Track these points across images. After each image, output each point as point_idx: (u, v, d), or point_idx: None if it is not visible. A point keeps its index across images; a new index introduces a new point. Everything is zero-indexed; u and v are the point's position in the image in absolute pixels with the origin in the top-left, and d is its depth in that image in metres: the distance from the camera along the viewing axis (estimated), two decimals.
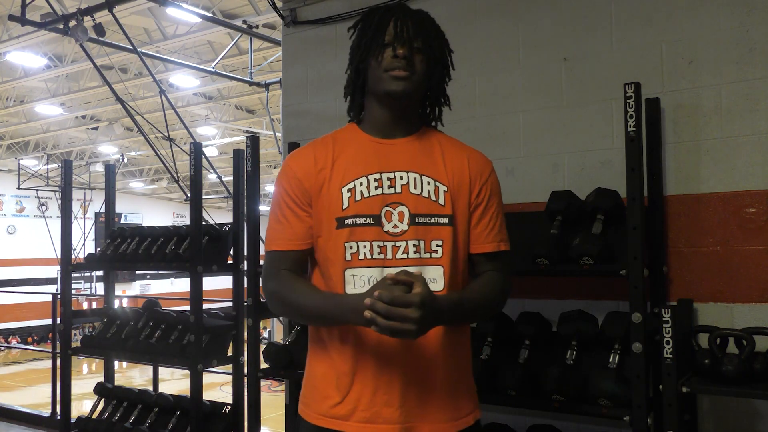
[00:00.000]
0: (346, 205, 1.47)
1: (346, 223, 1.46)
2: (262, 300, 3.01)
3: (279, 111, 4.33)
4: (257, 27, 8.80)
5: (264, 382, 3.07)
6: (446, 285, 1.47)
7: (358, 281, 1.45)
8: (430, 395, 1.47)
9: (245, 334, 3.06)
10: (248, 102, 16.16)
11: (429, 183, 1.50)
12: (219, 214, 13.78)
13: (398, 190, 1.49)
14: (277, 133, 9.38)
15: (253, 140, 3.02)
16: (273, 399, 5.94)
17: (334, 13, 3.24)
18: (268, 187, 24.10)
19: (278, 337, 13.42)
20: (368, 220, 1.46)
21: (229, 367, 3.46)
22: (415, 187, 1.49)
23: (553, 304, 2.52)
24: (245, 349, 3.10)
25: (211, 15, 8.81)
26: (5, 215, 23.27)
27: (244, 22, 8.63)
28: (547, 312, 2.48)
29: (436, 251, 1.47)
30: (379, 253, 1.45)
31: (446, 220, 1.49)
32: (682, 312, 2.22)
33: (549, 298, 2.58)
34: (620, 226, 2.29)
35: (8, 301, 20.05)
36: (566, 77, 2.65)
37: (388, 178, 1.49)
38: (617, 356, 2.21)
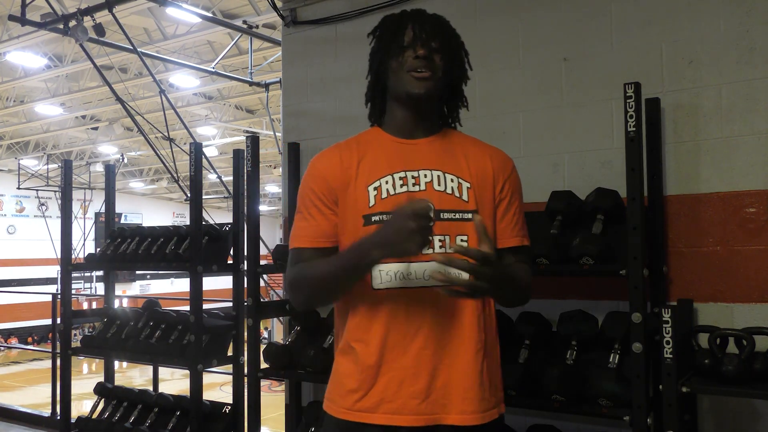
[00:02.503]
0: (372, 202, 1.51)
1: (373, 219, 1.50)
2: (262, 300, 3.02)
3: (279, 111, 4.33)
4: (257, 27, 8.80)
5: (264, 382, 3.07)
6: (472, 279, 1.48)
7: (385, 276, 1.48)
8: (458, 386, 1.48)
9: (245, 334, 3.06)
10: (248, 102, 16.17)
11: (452, 180, 1.54)
12: (219, 214, 13.78)
13: (422, 187, 1.52)
14: (277, 133, 9.38)
15: (253, 140, 3.03)
16: (273, 399, 5.94)
17: (334, 13, 3.24)
18: (268, 187, 24.16)
19: (278, 337, 13.42)
20: None
21: (229, 367, 3.46)
22: (439, 185, 1.53)
23: (553, 304, 2.52)
24: (245, 349, 3.10)
25: (211, 15, 8.81)
26: (5, 215, 23.27)
27: (244, 22, 8.63)
28: (547, 312, 2.48)
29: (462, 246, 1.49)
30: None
31: (470, 216, 1.52)
32: (682, 312, 2.22)
33: (549, 298, 2.57)
34: (620, 226, 2.29)
35: (8, 301, 20.04)
36: (566, 77, 2.65)
37: (413, 177, 1.53)
38: (617, 356, 2.21)
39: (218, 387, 8.80)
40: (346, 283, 1.50)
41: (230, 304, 3.49)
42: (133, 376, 14.46)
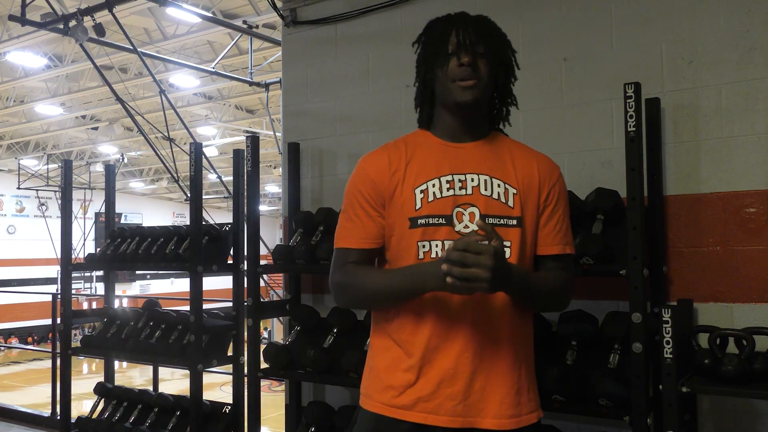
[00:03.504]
0: (419, 205, 1.52)
1: (419, 223, 1.51)
2: (262, 300, 3.02)
3: (279, 111, 4.33)
4: (257, 27, 8.80)
5: (264, 382, 3.07)
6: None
7: None
8: (495, 390, 1.49)
9: (245, 334, 3.06)
10: (248, 102, 16.17)
11: (499, 185, 1.54)
12: (219, 214, 13.78)
13: (469, 191, 1.53)
14: (277, 133, 9.38)
15: (253, 140, 3.03)
16: (273, 399, 5.94)
17: (334, 13, 3.24)
18: (268, 187, 24.15)
19: (278, 337, 13.41)
20: (440, 220, 1.51)
21: (229, 367, 3.46)
22: (485, 189, 1.53)
23: None
24: (245, 349, 3.10)
25: (211, 15, 8.81)
26: (5, 215, 23.27)
27: (244, 22, 8.63)
28: (547, 312, 2.48)
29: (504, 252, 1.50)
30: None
31: (515, 222, 1.52)
32: (682, 312, 2.22)
33: None
34: (620, 226, 2.29)
35: (8, 301, 20.04)
36: (566, 77, 2.65)
37: (460, 180, 1.54)
38: (617, 356, 2.21)
39: (218, 387, 8.81)
40: (398, 302, 1.53)
41: (230, 304, 3.49)
42: (133, 376, 14.47)
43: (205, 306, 3.22)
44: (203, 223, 3.32)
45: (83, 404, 6.94)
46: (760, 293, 2.27)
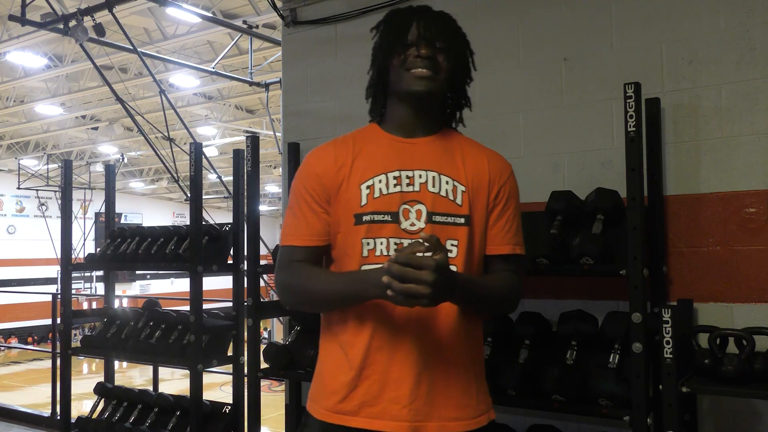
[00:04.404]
0: (364, 201, 1.49)
1: (364, 219, 1.48)
2: (262, 300, 3.02)
3: (279, 111, 4.33)
4: (257, 27, 8.80)
5: (264, 382, 3.06)
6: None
7: None
8: (441, 393, 1.46)
9: (245, 334, 3.06)
10: (248, 102, 16.17)
11: (447, 182, 1.51)
12: (219, 214, 13.77)
13: (416, 188, 1.50)
14: (277, 133, 9.39)
15: (253, 140, 3.03)
16: (273, 399, 5.94)
17: (334, 13, 3.24)
18: (268, 187, 24.14)
19: (278, 337, 13.42)
20: (386, 217, 1.48)
21: (229, 367, 3.46)
22: (433, 186, 1.50)
23: (553, 304, 2.52)
24: (245, 349, 3.10)
25: (211, 15, 8.81)
26: (5, 215, 23.27)
27: (244, 22, 8.63)
28: (547, 312, 2.48)
29: (451, 251, 1.48)
30: (395, 250, 1.45)
31: (462, 220, 1.50)
32: (682, 312, 2.22)
33: (549, 298, 2.57)
34: (620, 226, 2.29)
35: (8, 301, 20.04)
36: (566, 77, 2.65)
37: (407, 176, 1.50)
38: (617, 356, 2.21)
39: (218, 387, 8.81)
40: (341, 307, 1.49)
41: (230, 304, 3.48)
42: (133, 376, 14.46)
43: (205, 306, 3.22)
44: (203, 223, 3.32)
45: (83, 404, 6.93)
46: (760, 293, 2.27)
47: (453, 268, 1.42)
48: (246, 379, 2.97)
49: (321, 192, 1.52)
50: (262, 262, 2.99)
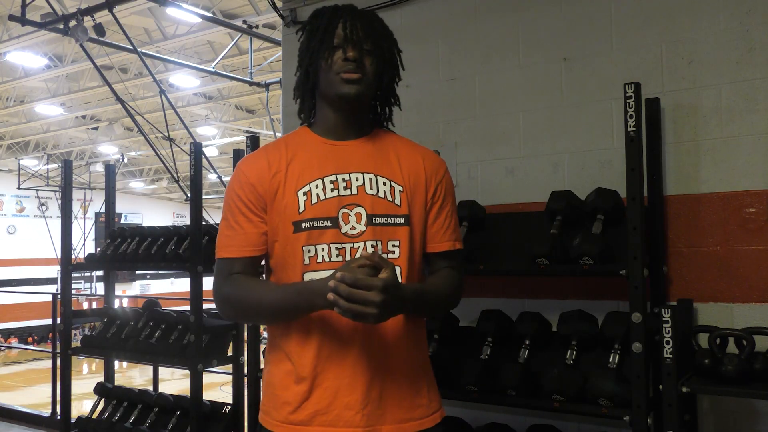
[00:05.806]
0: (302, 208, 1.46)
1: (303, 226, 1.46)
2: None
3: (279, 111, 4.33)
4: (257, 27, 8.80)
5: None
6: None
7: None
8: (393, 396, 1.47)
9: (245, 334, 3.06)
10: (248, 102, 16.17)
11: (385, 183, 1.50)
12: (219, 214, 13.75)
13: (354, 191, 1.48)
14: (277, 133, 9.39)
15: (253, 140, 3.02)
16: None
17: None
18: None
19: None
20: (326, 223, 1.46)
21: (229, 367, 3.46)
22: (371, 188, 1.49)
23: (553, 304, 2.52)
24: (245, 349, 3.10)
25: (211, 15, 8.81)
26: (5, 215, 23.28)
27: (244, 22, 8.64)
28: (547, 312, 2.48)
29: (393, 252, 1.48)
30: (337, 255, 1.45)
31: (402, 221, 1.49)
32: (682, 312, 2.22)
33: (549, 298, 2.57)
34: (620, 226, 2.29)
35: (8, 301, 20.05)
36: (566, 77, 2.65)
37: (344, 180, 1.49)
38: (617, 356, 2.21)
39: (218, 387, 8.80)
40: (286, 319, 1.48)
41: None
42: (133, 376, 14.46)
43: (205, 306, 3.22)
44: (203, 223, 3.32)
45: (83, 404, 6.94)
46: (760, 293, 2.27)
47: (397, 269, 1.43)
48: (246, 379, 2.97)
49: (256, 200, 1.49)
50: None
